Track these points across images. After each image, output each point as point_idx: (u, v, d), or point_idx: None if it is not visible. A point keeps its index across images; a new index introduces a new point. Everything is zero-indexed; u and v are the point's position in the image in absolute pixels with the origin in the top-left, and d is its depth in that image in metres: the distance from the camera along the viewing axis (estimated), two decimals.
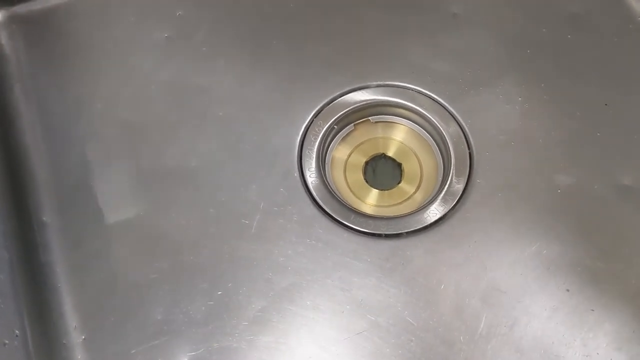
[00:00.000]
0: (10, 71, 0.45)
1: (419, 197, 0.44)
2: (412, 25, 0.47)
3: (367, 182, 0.45)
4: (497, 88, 0.45)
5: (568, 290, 0.39)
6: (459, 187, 0.42)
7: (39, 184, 0.42)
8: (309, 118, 0.44)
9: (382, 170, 0.46)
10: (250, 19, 0.47)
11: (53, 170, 0.43)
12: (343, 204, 0.42)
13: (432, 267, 0.40)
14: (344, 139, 0.46)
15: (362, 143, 0.46)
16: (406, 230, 0.41)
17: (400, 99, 0.45)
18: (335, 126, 0.44)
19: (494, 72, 0.45)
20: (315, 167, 0.43)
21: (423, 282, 0.39)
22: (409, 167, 0.45)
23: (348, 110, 0.44)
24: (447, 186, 0.42)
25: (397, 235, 0.41)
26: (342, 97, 0.45)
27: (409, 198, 0.44)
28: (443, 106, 0.44)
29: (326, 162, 0.45)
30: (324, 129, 0.44)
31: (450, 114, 0.44)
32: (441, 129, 0.44)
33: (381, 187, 0.45)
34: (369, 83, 0.45)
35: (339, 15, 0.47)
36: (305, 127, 0.44)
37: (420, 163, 0.45)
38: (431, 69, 0.45)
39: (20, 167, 0.43)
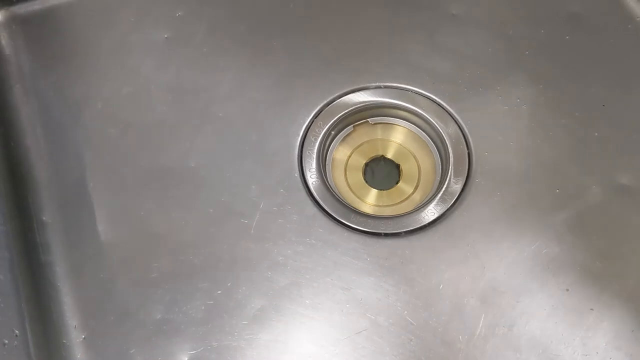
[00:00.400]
0: (10, 71, 0.45)
1: (417, 197, 0.44)
2: (411, 26, 0.47)
3: (366, 182, 0.45)
4: (495, 89, 0.45)
5: (567, 290, 0.39)
6: (458, 187, 0.42)
7: (39, 184, 0.42)
8: (309, 119, 0.44)
9: (381, 171, 0.46)
10: (250, 20, 0.47)
11: (53, 171, 0.43)
12: (343, 204, 0.42)
13: (431, 266, 0.40)
14: (343, 140, 0.46)
15: (361, 144, 0.46)
16: (405, 230, 0.41)
17: (400, 100, 0.45)
18: (332, 132, 0.44)
19: (493, 72, 0.45)
20: (316, 167, 0.43)
21: (422, 281, 0.39)
22: (407, 167, 0.45)
23: (348, 112, 0.44)
24: (445, 186, 0.42)
25: (396, 235, 0.41)
26: (341, 98, 0.45)
27: (407, 198, 0.44)
28: (442, 107, 0.44)
29: (327, 162, 0.45)
30: (324, 129, 0.44)
31: (450, 115, 0.44)
32: (440, 129, 0.44)
33: (380, 187, 0.45)
34: (368, 84, 0.45)
35: (339, 16, 0.47)
36: (305, 128, 0.44)
37: (418, 163, 0.45)
38: (430, 69, 0.45)
39: (20, 167, 0.43)
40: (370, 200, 0.44)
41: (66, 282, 0.40)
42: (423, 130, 0.45)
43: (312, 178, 0.42)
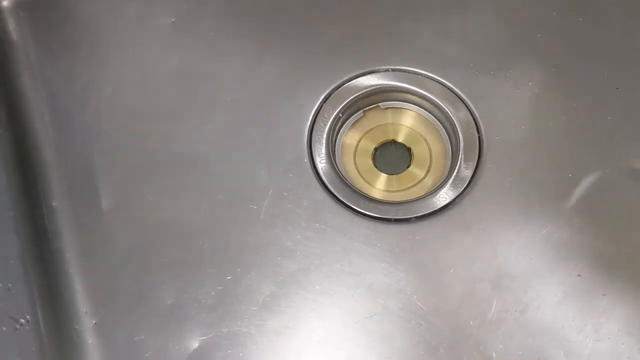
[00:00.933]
0: (18, 58, 0.45)
1: (429, 182, 0.44)
2: (421, 9, 0.46)
3: (376, 167, 0.45)
4: (507, 72, 0.44)
5: (579, 275, 0.39)
6: (469, 172, 0.42)
7: (48, 170, 0.42)
8: (318, 103, 0.44)
9: (392, 154, 0.46)
10: (258, 4, 0.47)
11: (62, 156, 0.43)
12: (353, 189, 0.41)
13: (442, 251, 0.40)
14: (353, 125, 0.45)
15: (371, 129, 0.46)
16: (415, 215, 0.40)
17: (409, 84, 0.44)
18: (341, 115, 0.44)
19: (504, 56, 0.45)
20: (325, 152, 0.42)
21: (433, 266, 0.39)
22: (419, 151, 0.45)
23: (357, 96, 0.44)
24: (456, 171, 0.42)
25: (406, 220, 0.40)
26: (350, 82, 0.44)
27: (418, 182, 0.44)
28: (453, 91, 0.44)
29: (336, 147, 0.45)
30: (334, 114, 0.43)
31: (460, 99, 0.44)
32: (450, 114, 0.43)
33: (390, 171, 0.45)
34: (377, 67, 0.45)
35: (348, 1, 0.47)
36: (314, 113, 0.43)
37: (429, 148, 0.45)
38: (441, 53, 0.45)
39: (29, 153, 0.43)
40: (379, 185, 0.44)
41: (76, 268, 0.40)
42: (433, 115, 0.45)
43: (321, 163, 0.42)
